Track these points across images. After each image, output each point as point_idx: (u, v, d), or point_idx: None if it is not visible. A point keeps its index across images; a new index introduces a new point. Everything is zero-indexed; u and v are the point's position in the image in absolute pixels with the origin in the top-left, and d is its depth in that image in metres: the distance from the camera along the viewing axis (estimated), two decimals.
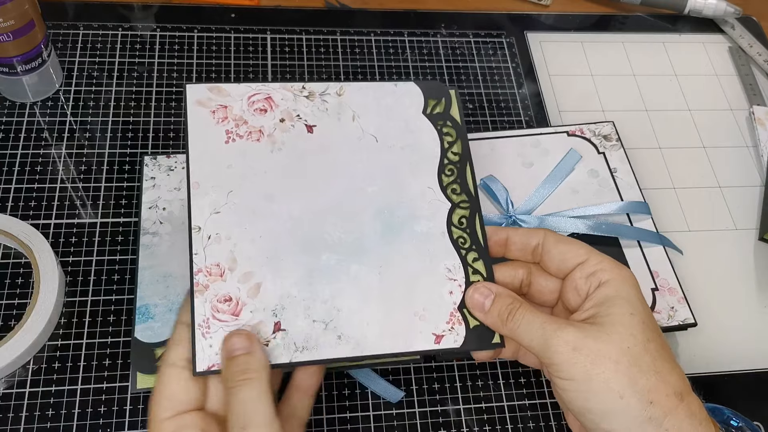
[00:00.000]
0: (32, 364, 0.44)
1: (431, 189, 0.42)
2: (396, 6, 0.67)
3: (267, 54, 0.61)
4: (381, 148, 0.43)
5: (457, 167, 0.43)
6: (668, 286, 0.50)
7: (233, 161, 0.41)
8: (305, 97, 0.44)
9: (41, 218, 0.49)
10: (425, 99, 0.45)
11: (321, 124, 0.43)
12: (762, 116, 0.62)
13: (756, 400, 0.49)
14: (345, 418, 0.45)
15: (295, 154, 0.42)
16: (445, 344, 0.39)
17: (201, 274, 0.38)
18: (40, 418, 0.42)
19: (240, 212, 0.40)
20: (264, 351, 0.37)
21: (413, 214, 0.42)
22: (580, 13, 0.69)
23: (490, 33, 0.66)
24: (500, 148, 0.55)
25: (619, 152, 0.56)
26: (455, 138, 0.44)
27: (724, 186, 0.59)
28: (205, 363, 0.36)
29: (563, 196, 0.53)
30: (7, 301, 0.46)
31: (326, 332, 0.38)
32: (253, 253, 0.39)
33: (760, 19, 0.71)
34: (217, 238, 0.39)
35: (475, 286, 0.40)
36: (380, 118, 0.44)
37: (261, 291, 0.38)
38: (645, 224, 0.53)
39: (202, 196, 0.40)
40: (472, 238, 0.42)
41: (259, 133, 0.42)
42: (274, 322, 0.38)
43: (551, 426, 0.46)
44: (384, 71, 0.61)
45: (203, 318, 0.37)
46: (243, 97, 0.43)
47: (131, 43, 0.60)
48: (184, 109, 0.42)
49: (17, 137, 0.53)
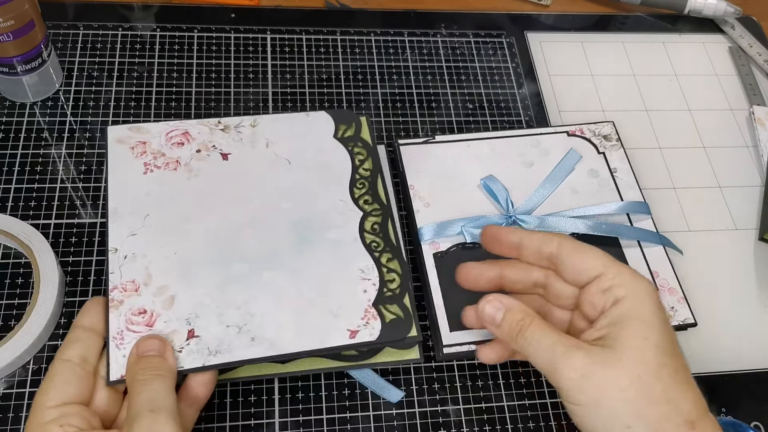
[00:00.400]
0: (32, 364, 0.44)
1: (343, 201, 0.47)
2: (396, 6, 0.67)
3: (267, 54, 0.61)
4: (294, 168, 0.48)
5: (369, 181, 0.48)
6: (668, 286, 0.50)
7: (151, 189, 0.45)
8: (221, 130, 0.49)
9: (41, 218, 0.49)
10: (336, 125, 0.50)
11: (236, 152, 0.48)
12: (762, 116, 0.62)
13: (756, 400, 0.49)
14: (345, 418, 0.45)
15: (211, 179, 0.46)
16: (360, 338, 0.42)
17: (116, 290, 0.42)
18: None
19: (156, 233, 0.44)
20: (174, 358, 0.39)
21: (326, 225, 0.46)
22: (580, 13, 0.69)
23: (490, 33, 0.66)
24: (500, 148, 0.55)
25: (619, 152, 0.56)
26: (366, 156, 0.49)
27: (724, 186, 0.59)
28: (118, 372, 0.39)
29: (563, 196, 0.53)
30: (7, 301, 0.46)
31: (240, 336, 0.41)
32: (167, 268, 0.43)
33: (760, 19, 0.71)
34: (132, 257, 0.43)
35: (486, 299, 0.40)
36: (293, 143, 0.49)
37: (175, 302, 0.42)
38: (645, 224, 0.53)
39: (119, 221, 0.44)
40: (385, 241, 0.45)
41: (176, 163, 0.47)
42: (188, 330, 0.41)
43: (551, 426, 0.46)
44: (384, 71, 0.61)
45: (117, 330, 0.40)
46: (161, 134, 0.48)
47: (131, 43, 0.60)
48: (105, 147, 0.47)
49: (17, 137, 0.53)
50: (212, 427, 0.43)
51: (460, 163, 0.54)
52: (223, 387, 0.45)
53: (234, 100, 0.58)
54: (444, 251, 0.50)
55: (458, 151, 0.54)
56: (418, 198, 0.52)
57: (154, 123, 0.48)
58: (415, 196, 0.52)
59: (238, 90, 0.58)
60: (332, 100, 0.59)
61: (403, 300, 0.44)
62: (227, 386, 0.45)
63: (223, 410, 0.44)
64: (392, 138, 0.57)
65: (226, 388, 0.45)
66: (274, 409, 0.44)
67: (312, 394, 0.45)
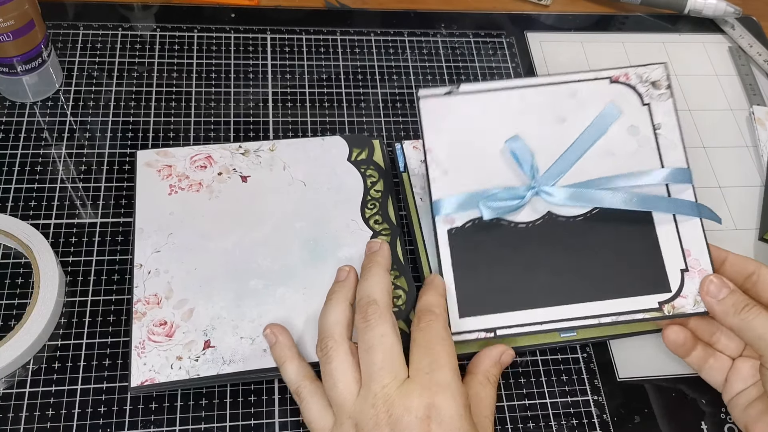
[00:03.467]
0: (32, 364, 0.44)
1: (354, 221, 0.49)
2: (396, 6, 0.67)
3: (267, 54, 0.61)
4: (309, 190, 0.50)
5: (379, 202, 0.50)
6: (699, 268, 0.47)
7: (175, 209, 0.48)
8: (241, 154, 0.51)
9: (41, 218, 0.49)
10: (350, 148, 0.53)
11: (254, 175, 0.51)
12: (762, 116, 0.62)
13: None
14: None
15: (231, 200, 0.49)
16: None
17: (140, 303, 0.45)
18: (40, 418, 0.42)
19: (178, 250, 0.47)
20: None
21: (337, 243, 0.48)
22: (580, 13, 0.69)
23: (490, 33, 0.66)
24: (531, 99, 0.48)
25: (667, 103, 0.49)
26: (378, 178, 0.51)
27: (724, 186, 0.59)
28: (139, 379, 0.42)
29: (597, 159, 0.47)
30: (7, 301, 0.46)
31: (253, 347, 0.44)
32: (188, 283, 0.46)
33: (760, 19, 0.71)
34: (156, 272, 0.46)
35: (710, 279, 0.45)
36: (308, 167, 0.51)
37: (194, 315, 0.45)
38: (684, 194, 0.48)
39: (144, 239, 0.47)
40: (393, 260, 0.47)
41: (199, 185, 0.50)
42: (204, 341, 0.44)
43: (551, 426, 0.46)
44: (384, 71, 0.61)
45: (139, 340, 0.43)
46: (186, 158, 0.51)
47: (131, 43, 0.60)
48: (135, 170, 0.50)
49: (17, 137, 0.53)
50: (212, 427, 0.43)
51: (485, 120, 0.48)
52: (223, 387, 0.45)
53: (234, 100, 0.58)
54: (459, 227, 0.46)
55: (484, 105, 0.48)
56: (435, 164, 0.47)
57: (179, 148, 0.51)
58: (432, 162, 0.47)
59: (238, 90, 0.58)
60: (332, 100, 0.59)
61: (409, 315, 0.45)
62: (227, 386, 0.45)
63: (223, 410, 0.44)
64: (392, 138, 0.57)
65: (226, 388, 0.45)
66: (274, 409, 0.44)
67: None
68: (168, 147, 0.52)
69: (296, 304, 0.46)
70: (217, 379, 0.43)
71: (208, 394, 0.44)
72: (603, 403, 0.47)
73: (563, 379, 0.47)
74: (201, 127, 0.55)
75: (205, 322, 0.44)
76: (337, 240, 0.48)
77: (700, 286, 0.45)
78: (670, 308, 0.45)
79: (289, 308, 0.45)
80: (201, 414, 0.43)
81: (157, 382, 0.42)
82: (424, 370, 0.39)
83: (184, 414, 0.43)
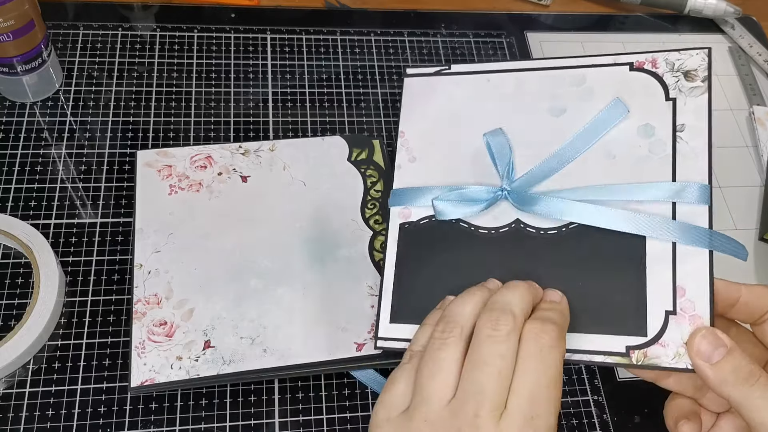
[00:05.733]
0: (32, 364, 0.44)
1: (354, 221, 0.49)
2: (396, 6, 0.67)
3: (267, 54, 0.61)
4: (308, 190, 0.50)
5: (380, 201, 0.50)
6: (692, 313, 0.36)
7: (175, 209, 0.48)
8: (241, 154, 0.51)
9: (41, 218, 0.49)
10: (350, 148, 0.52)
11: (254, 175, 0.50)
12: (762, 116, 0.62)
13: None
14: (345, 418, 0.45)
15: (231, 200, 0.49)
16: (366, 351, 0.44)
17: (140, 303, 0.44)
18: (40, 418, 0.42)
19: (178, 250, 0.47)
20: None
21: (337, 243, 0.48)
22: (580, 13, 0.69)
23: (490, 33, 0.66)
24: (529, 85, 0.42)
25: (700, 99, 0.39)
26: (378, 178, 0.51)
27: (724, 186, 0.59)
28: (139, 379, 0.42)
29: (592, 162, 0.39)
30: (7, 301, 0.46)
31: (252, 347, 0.44)
32: (188, 283, 0.45)
33: (760, 19, 0.71)
34: (156, 272, 0.46)
35: (702, 333, 0.34)
36: (308, 167, 0.51)
37: (194, 315, 0.45)
38: (696, 217, 0.37)
39: (144, 239, 0.47)
40: None
41: (199, 185, 0.49)
42: (205, 341, 0.44)
43: None
44: (384, 71, 0.61)
45: (139, 340, 0.43)
46: (186, 158, 0.50)
47: (131, 43, 0.60)
48: (135, 170, 0.49)
49: (17, 137, 0.53)
50: (212, 427, 0.43)
51: (471, 106, 0.42)
52: (223, 387, 0.45)
53: (234, 100, 0.58)
54: (414, 222, 0.41)
55: (473, 88, 0.43)
56: (404, 150, 0.42)
57: (179, 148, 0.51)
58: (402, 147, 0.43)
59: (238, 90, 0.58)
60: (332, 100, 0.59)
61: None
62: (227, 386, 0.45)
63: (223, 410, 0.44)
64: (392, 138, 0.57)
65: (226, 388, 0.45)
66: (274, 409, 0.44)
67: (312, 394, 0.45)
68: (168, 147, 0.52)
69: (296, 304, 0.46)
70: (217, 379, 0.43)
71: (208, 394, 0.44)
72: (603, 403, 0.47)
73: (563, 379, 0.47)
74: (201, 127, 0.55)
75: (205, 322, 0.44)
76: (336, 240, 0.48)
77: (688, 339, 0.35)
78: (640, 356, 0.36)
79: (288, 308, 0.45)
80: (201, 414, 0.43)
81: (157, 382, 0.42)
82: (526, 410, 0.32)
83: (184, 414, 0.43)
